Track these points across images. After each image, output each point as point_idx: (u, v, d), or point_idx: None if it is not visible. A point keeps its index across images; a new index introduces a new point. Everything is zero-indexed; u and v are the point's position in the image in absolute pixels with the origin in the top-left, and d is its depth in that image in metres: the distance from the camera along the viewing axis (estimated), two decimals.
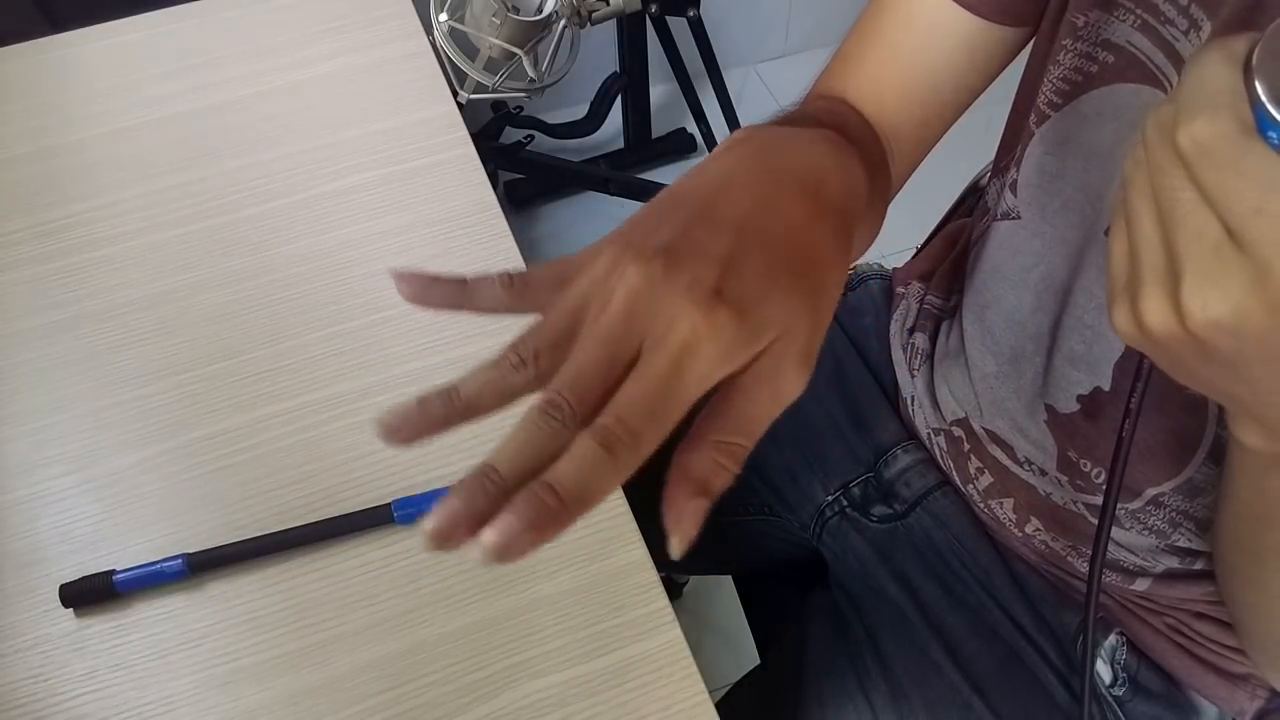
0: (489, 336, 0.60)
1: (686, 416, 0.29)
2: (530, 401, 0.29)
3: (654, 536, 0.29)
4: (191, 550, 0.52)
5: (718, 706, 0.47)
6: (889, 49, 0.52)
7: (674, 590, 1.31)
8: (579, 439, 0.27)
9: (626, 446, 0.27)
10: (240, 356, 0.61)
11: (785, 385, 0.30)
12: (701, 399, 0.30)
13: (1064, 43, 0.47)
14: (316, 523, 0.53)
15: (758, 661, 0.76)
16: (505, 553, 0.26)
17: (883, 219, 0.50)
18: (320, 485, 0.55)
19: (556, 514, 0.26)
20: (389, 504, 0.53)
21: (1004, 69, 0.54)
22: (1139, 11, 0.43)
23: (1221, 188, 0.26)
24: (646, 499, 0.31)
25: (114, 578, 0.51)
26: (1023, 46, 0.53)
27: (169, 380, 0.60)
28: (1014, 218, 0.55)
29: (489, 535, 0.26)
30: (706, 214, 0.32)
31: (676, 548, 0.28)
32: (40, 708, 0.48)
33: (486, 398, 0.29)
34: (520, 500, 0.26)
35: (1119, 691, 0.60)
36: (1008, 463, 0.60)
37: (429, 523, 0.26)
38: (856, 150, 0.39)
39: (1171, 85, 0.43)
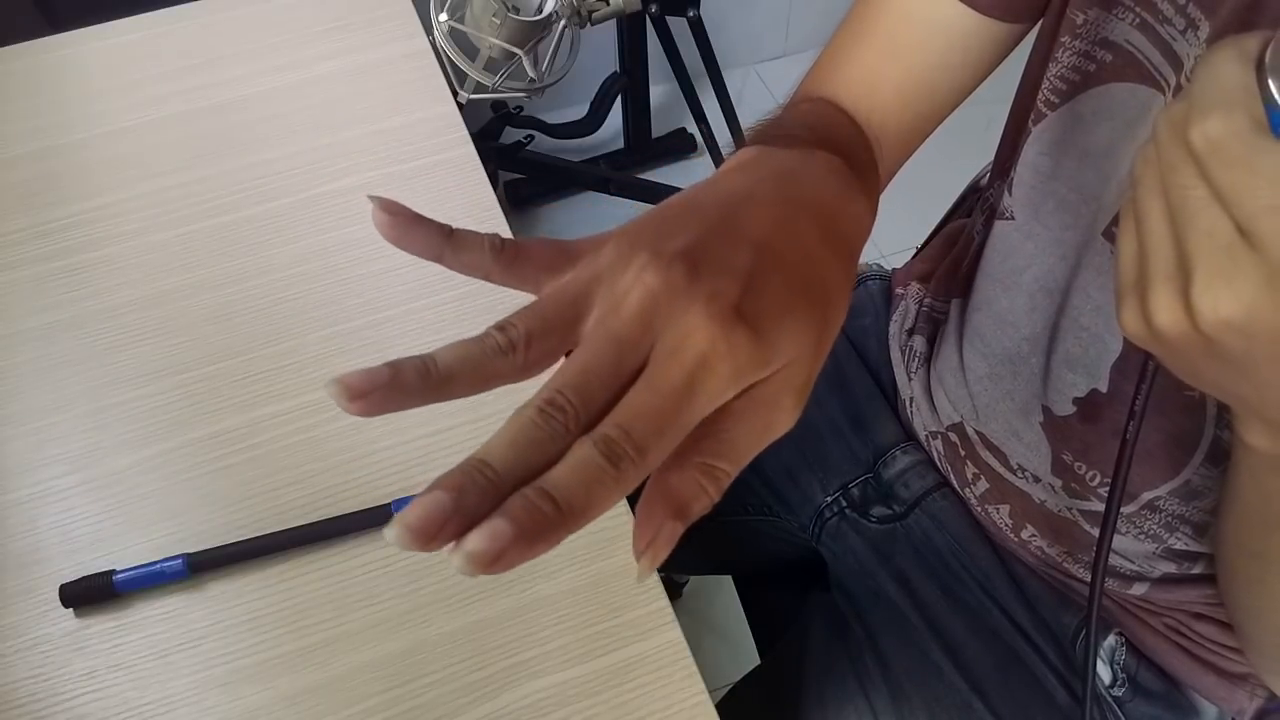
0: None
1: None
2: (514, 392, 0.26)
3: None
4: (191, 550, 0.52)
5: (718, 706, 0.47)
6: (885, 47, 0.50)
7: (674, 590, 1.31)
8: (579, 446, 0.25)
9: (631, 462, 0.25)
10: (240, 356, 0.61)
11: (779, 417, 0.29)
12: None
13: (1063, 40, 0.47)
14: (316, 523, 0.53)
15: (758, 661, 0.76)
16: (491, 563, 0.23)
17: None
18: (320, 485, 0.55)
19: (553, 525, 0.24)
20: (389, 504, 0.53)
21: (992, 71, 0.52)
22: (1138, 9, 0.43)
23: (1234, 185, 0.26)
24: None
25: (114, 578, 0.51)
26: (1014, 46, 0.52)
27: (169, 380, 0.60)
28: (1008, 218, 0.54)
29: (476, 540, 0.23)
30: (726, 226, 0.30)
31: (644, 571, 0.26)
32: (40, 708, 0.48)
33: (464, 377, 0.26)
34: (514, 504, 0.23)
35: (1119, 692, 0.60)
36: (1001, 470, 0.60)
37: (408, 516, 0.23)
38: (861, 180, 0.39)
39: (1168, 84, 0.43)
